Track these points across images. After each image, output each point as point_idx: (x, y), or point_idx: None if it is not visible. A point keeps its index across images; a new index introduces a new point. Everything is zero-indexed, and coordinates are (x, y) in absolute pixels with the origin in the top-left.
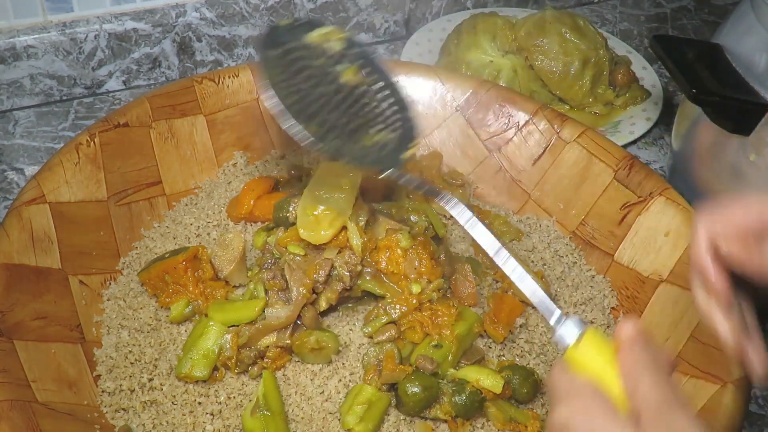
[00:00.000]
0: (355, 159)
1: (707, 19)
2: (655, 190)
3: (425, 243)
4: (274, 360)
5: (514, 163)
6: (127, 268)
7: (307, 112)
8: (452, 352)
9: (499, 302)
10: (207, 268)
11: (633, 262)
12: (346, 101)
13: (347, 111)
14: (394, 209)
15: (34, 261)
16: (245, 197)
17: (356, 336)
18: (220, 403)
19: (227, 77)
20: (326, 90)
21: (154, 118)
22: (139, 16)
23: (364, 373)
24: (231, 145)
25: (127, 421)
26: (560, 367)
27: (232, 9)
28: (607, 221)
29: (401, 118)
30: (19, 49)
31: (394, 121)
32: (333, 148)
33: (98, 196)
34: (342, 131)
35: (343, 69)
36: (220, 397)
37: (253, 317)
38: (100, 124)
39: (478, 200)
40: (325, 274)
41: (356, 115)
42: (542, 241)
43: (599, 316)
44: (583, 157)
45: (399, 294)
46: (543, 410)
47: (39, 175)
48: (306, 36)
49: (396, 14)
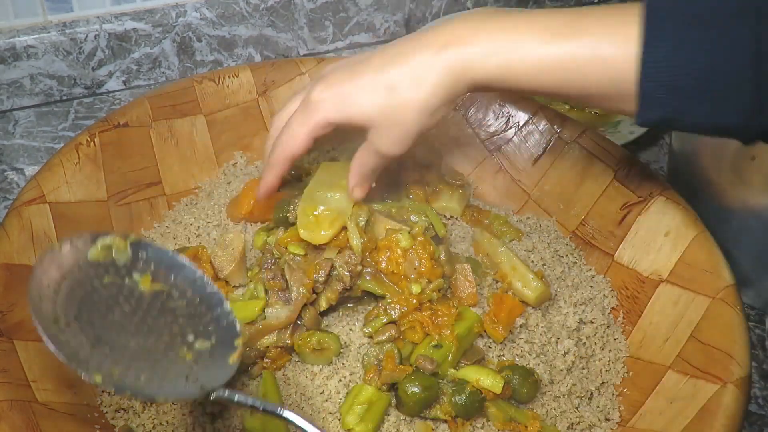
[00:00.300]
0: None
1: None
2: (655, 190)
3: (425, 243)
4: (274, 360)
5: (514, 163)
6: None
7: (103, 349)
8: (452, 352)
9: (499, 302)
10: (207, 268)
11: (633, 262)
12: (146, 320)
13: (151, 332)
14: (394, 209)
15: (34, 261)
16: (245, 197)
17: (356, 336)
18: (221, 403)
19: (227, 77)
20: (121, 314)
21: (154, 118)
22: (139, 16)
23: (364, 373)
24: (231, 145)
25: (127, 421)
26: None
27: (232, 9)
28: (607, 221)
29: (214, 317)
30: (19, 49)
31: (207, 324)
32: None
33: (98, 196)
34: (149, 360)
35: (137, 280)
36: None
37: (253, 317)
38: (100, 124)
39: (478, 200)
40: (325, 275)
41: (164, 331)
42: (542, 241)
43: (599, 316)
44: (583, 157)
45: (399, 294)
46: (543, 410)
47: (39, 175)
48: (87, 254)
49: (396, 14)
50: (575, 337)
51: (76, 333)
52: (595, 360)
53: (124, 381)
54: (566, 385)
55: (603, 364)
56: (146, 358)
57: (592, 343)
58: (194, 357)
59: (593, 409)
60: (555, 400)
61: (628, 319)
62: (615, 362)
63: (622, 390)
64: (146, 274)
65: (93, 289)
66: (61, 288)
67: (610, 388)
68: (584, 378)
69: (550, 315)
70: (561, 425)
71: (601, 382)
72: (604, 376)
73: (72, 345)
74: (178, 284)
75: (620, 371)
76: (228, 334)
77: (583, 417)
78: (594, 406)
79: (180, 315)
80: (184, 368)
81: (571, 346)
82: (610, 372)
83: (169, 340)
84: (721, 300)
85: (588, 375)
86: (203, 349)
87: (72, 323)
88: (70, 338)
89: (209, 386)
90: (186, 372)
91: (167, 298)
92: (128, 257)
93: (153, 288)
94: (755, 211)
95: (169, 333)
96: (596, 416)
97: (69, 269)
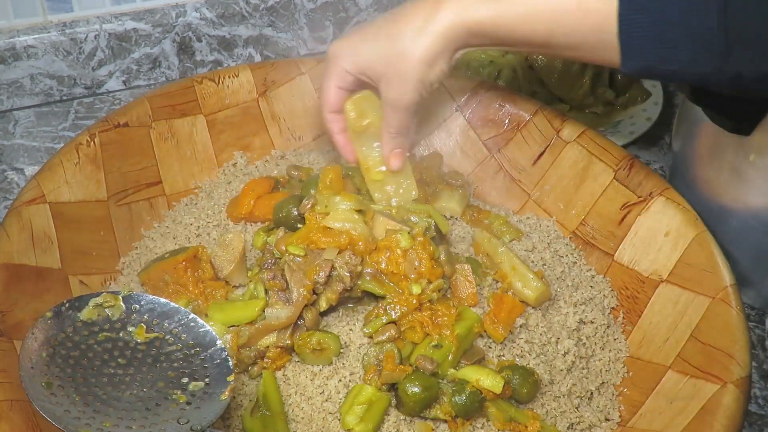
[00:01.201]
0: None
1: None
2: (655, 190)
3: (425, 243)
4: (274, 360)
5: (514, 163)
6: (127, 268)
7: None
8: (452, 352)
9: (499, 302)
10: (207, 268)
11: (633, 262)
12: (141, 369)
13: (145, 381)
14: (394, 209)
15: (34, 261)
16: (245, 197)
17: (356, 336)
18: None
19: (227, 77)
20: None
21: (154, 118)
22: (139, 16)
23: (364, 373)
24: (231, 145)
25: None
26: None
27: (232, 9)
28: (607, 221)
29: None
30: (19, 49)
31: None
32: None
33: (98, 196)
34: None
35: (132, 332)
36: None
37: (253, 317)
38: (100, 124)
39: (478, 200)
40: (325, 275)
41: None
42: (542, 241)
43: (599, 316)
44: (583, 157)
45: (399, 294)
46: (543, 410)
47: (39, 175)
48: (78, 315)
49: None
50: (575, 337)
51: (69, 393)
52: (595, 360)
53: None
54: (566, 385)
55: (603, 364)
56: (139, 408)
57: (592, 343)
58: (187, 398)
59: (593, 409)
60: (555, 400)
61: (628, 319)
62: (615, 362)
63: (622, 390)
64: (140, 325)
65: (88, 347)
66: (56, 352)
67: (610, 388)
68: (584, 378)
69: (550, 315)
70: (561, 425)
71: (601, 382)
72: (604, 376)
73: (63, 406)
74: (173, 329)
75: (620, 371)
76: (221, 372)
77: (583, 417)
78: (594, 406)
79: (175, 359)
80: (176, 411)
81: (571, 346)
82: (610, 372)
83: (163, 387)
84: (721, 300)
85: (588, 375)
86: (197, 389)
87: (65, 384)
88: (62, 400)
89: (199, 426)
90: (178, 415)
91: (162, 344)
92: (122, 311)
93: (147, 337)
94: (755, 211)
95: (164, 379)
96: (596, 416)
97: (61, 334)
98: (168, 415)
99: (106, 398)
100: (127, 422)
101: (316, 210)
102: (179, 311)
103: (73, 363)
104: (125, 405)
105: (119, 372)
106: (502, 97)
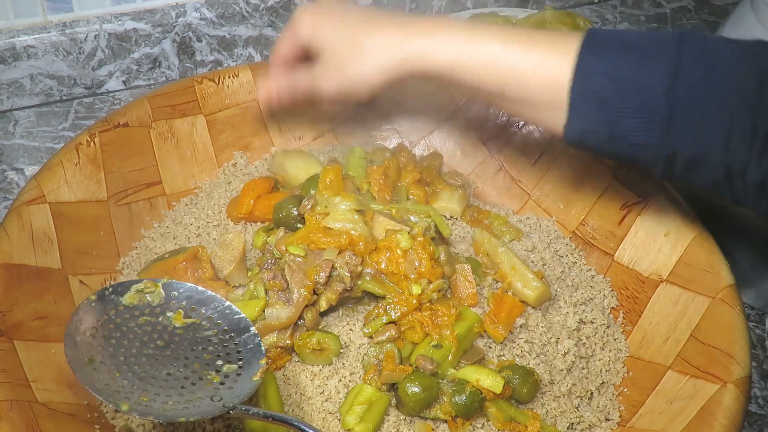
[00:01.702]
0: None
1: (707, 19)
2: (655, 190)
3: (425, 243)
4: (274, 360)
5: (514, 163)
6: (127, 268)
7: (138, 379)
8: (452, 352)
9: (499, 302)
10: (207, 268)
11: (633, 262)
12: (179, 351)
13: (182, 362)
14: (394, 209)
15: (34, 261)
16: (245, 197)
17: (356, 336)
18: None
19: (227, 77)
20: (155, 348)
21: (154, 118)
22: (139, 16)
23: (364, 373)
24: (231, 145)
25: (127, 421)
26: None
27: (232, 9)
28: (607, 221)
29: (241, 341)
30: (19, 49)
31: (235, 348)
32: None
33: (98, 196)
34: (178, 386)
35: (170, 317)
36: None
37: (253, 317)
38: (100, 124)
39: (478, 200)
40: (325, 276)
41: (194, 361)
42: (542, 241)
43: (599, 316)
44: (583, 157)
45: (399, 294)
46: (543, 410)
47: (39, 175)
48: (121, 299)
49: None
50: (575, 337)
51: (110, 369)
52: (595, 360)
53: (151, 407)
54: (566, 385)
55: (603, 364)
56: (175, 386)
57: (592, 343)
58: (221, 379)
59: (593, 409)
60: (555, 400)
61: (628, 319)
62: (615, 362)
63: (622, 390)
64: (178, 311)
65: (128, 329)
66: (98, 332)
67: (610, 388)
68: (584, 378)
69: (550, 315)
70: (561, 425)
71: (601, 382)
72: (604, 376)
73: (104, 380)
74: (209, 315)
75: (620, 371)
76: (254, 356)
77: (583, 417)
78: (594, 406)
79: (210, 343)
80: (210, 390)
81: (571, 346)
82: (610, 372)
83: (198, 368)
84: (721, 300)
85: (588, 375)
86: (230, 371)
87: (106, 361)
88: (103, 375)
89: (231, 403)
90: (212, 393)
91: (198, 329)
92: (161, 297)
93: (185, 322)
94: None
95: (200, 361)
96: (596, 416)
97: (104, 316)
98: (202, 393)
99: (144, 376)
100: (163, 398)
101: (316, 210)
102: (215, 299)
103: (114, 343)
104: (162, 383)
105: (157, 353)
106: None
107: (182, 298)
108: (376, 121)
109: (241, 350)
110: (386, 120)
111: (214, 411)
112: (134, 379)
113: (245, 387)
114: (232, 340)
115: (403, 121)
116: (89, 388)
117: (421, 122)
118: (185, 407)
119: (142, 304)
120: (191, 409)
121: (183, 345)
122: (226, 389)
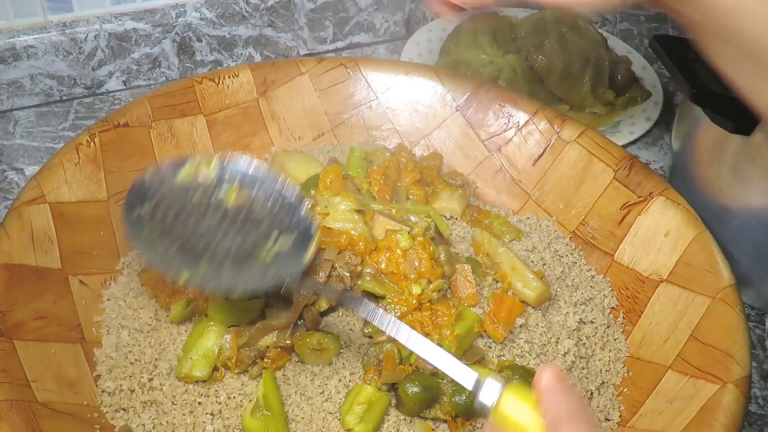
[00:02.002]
0: (251, 286)
1: None
2: (655, 190)
3: (425, 243)
4: (274, 360)
5: (514, 163)
6: (127, 268)
7: (194, 254)
8: (452, 352)
9: (499, 302)
10: None
11: (633, 262)
12: (233, 226)
13: (237, 236)
14: (394, 209)
15: (34, 261)
16: None
17: (356, 336)
18: (220, 403)
19: (227, 77)
20: (210, 223)
21: (154, 118)
22: (139, 16)
23: (364, 373)
24: (231, 145)
25: (127, 421)
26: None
27: (232, 9)
28: (607, 221)
29: (295, 217)
30: (19, 49)
31: (288, 224)
32: (225, 284)
33: (98, 196)
34: (235, 260)
35: (224, 194)
36: (220, 397)
37: (253, 317)
38: (100, 124)
39: (478, 200)
40: (325, 275)
41: (248, 236)
42: (542, 241)
43: (599, 316)
44: (583, 157)
45: (399, 294)
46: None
47: (39, 175)
48: (175, 178)
49: (396, 14)
50: (575, 337)
51: (167, 244)
52: (595, 360)
53: (207, 280)
54: None
55: (603, 364)
56: (230, 262)
57: (592, 343)
58: (273, 258)
59: (593, 409)
60: None
61: (628, 319)
62: (615, 362)
63: (622, 390)
64: (232, 188)
65: (183, 207)
66: (155, 208)
67: (610, 388)
68: (584, 378)
69: (550, 315)
70: None
71: (601, 382)
72: (604, 376)
73: (160, 252)
74: (261, 193)
75: (620, 371)
76: (305, 236)
77: None
78: (594, 406)
79: (263, 220)
80: (263, 267)
81: (571, 346)
82: (610, 372)
83: (251, 245)
84: (721, 300)
85: (588, 375)
86: (283, 249)
87: (164, 235)
88: (161, 249)
89: (283, 279)
90: (264, 271)
91: (252, 205)
92: (215, 174)
93: (238, 200)
94: (755, 211)
95: (253, 239)
96: (596, 416)
97: (159, 192)
98: (254, 270)
99: (201, 250)
100: (218, 272)
101: (316, 210)
102: (268, 177)
103: (171, 219)
104: (217, 258)
105: (211, 229)
106: (502, 97)
107: (235, 176)
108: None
109: (295, 225)
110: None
111: (267, 285)
112: (189, 252)
113: (294, 266)
114: (288, 215)
115: (403, 121)
116: (149, 261)
117: (421, 122)
118: (238, 281)
119: (195, 184)
120: (245, 284)
121: (237, 222)
122: (278, 267)
